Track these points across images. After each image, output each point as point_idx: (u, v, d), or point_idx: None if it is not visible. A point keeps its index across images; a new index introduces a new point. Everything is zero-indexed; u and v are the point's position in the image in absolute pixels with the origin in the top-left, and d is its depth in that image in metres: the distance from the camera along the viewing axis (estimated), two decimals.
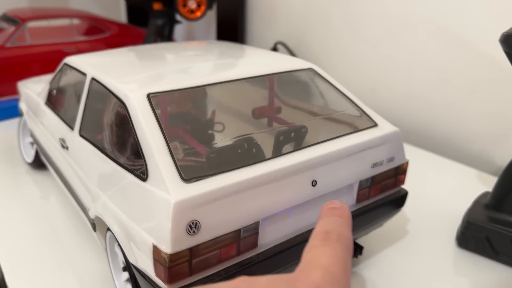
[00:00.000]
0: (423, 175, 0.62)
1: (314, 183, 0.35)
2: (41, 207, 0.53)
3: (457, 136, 0.71)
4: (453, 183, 0.61)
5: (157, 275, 0.29)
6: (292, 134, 0.40)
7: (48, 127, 0.49)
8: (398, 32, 0.75)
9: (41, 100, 0.53)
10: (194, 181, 0.29)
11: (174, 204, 0.27)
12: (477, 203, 0.49)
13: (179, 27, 1.18)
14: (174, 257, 0.28)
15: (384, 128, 0.40)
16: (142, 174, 0.31)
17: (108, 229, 0.36)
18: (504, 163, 0.59)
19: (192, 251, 0.29)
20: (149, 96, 0.34)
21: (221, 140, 0.38)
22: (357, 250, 0.43)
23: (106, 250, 0.39)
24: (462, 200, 0.52)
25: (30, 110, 0.57)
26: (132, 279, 0.33)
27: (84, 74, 0.42)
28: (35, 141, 0.57)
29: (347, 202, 0.38)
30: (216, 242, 0.30)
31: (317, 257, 0.20)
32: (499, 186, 0.46)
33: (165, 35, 0.90)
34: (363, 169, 0.38)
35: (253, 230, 0.32)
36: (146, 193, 0.30)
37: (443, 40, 0.69)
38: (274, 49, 0.95)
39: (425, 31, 0.71)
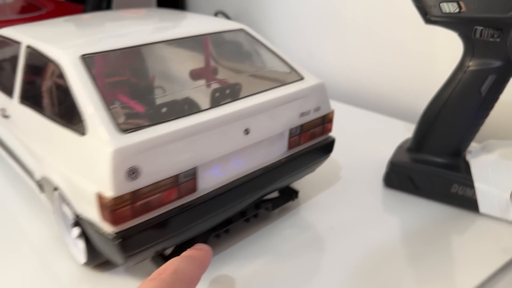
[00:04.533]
0: (355, 129, 0.67)
1: (247, 131, 0.38)
2: None
3: (386, 93, 0.76)
4: (382, 134, 0.66)
5: (104, 219, 0.31)
6: (227, 91, 0.43)
7: None
8: None
9: None
10: (130, 132, 0.32)
11: (111, 152, 0.30)
12: (400, 147, 0.54)
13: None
14: (117, 201, 0.30)
15: (310, 80, 0.44)
16: (81, 129, 0.33)
17: (55, 189, 0.38)
18: None
19: (134, 195, 0.31)
20: (83, 57, 0.35)
21: (158, 98, 0.40)
22: (293, 193, 0.47)
23: (54, 210, 0.40)
24: (390, 148, 0.57)
25: None
26: (81, 229, 0.35)
27: (19, 42, 0.43)
28: None
29: (280, 149, 0.42)
30: (156, 187, 0.32)
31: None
32: (417, 130, 0.51)
33: (103, 8, 0.90)
34: (292, 118, 0.42)
35: (192, 175, 0.35)
36: (86, 146, 0.32)
37: (370, 3, 0.73)
38: None
39: None
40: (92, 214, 0.32)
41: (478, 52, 0.45)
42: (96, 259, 0.38)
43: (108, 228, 0.31)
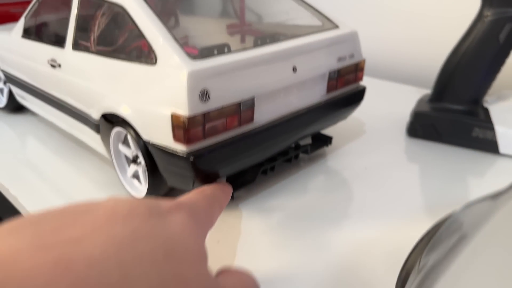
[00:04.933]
0: (374, 94, 0.70)
1: (295, 69, 0.41)
2: (28, 142, 0.56)
3: (398, 61, 0.80)
4: (400, 96, 0.70)
5: (176, 139, 0.34)
6: (267, 39, 0.45)
7: (30, 56, 0.51)
8: None
9: (16, 36, 0.54)
10: (200, 59, 0.34)
11: (189, 74, 0.32)
12: (420, 100, 0.57)
13: None
14: (192, 120, 0.33)
15: (345, 28, 0.47)
16: (151, 60, 0.35)
17: (114, 127, 0.40)
18: None
19: (205, 117, 0.34)
20: None
21: (211, 36, 0.43)
22: (328, 140, 0.50)
23: (110, 150, 0.42)
24: (405, 108, 0.61)
25: (2, 50, 0.58)
26: (146, 159, 0.37)
27: None
28: (9, 81, 0.58)
29: (320, 92, 0.45)
30: (222, 112, 0.35)
31: (188, 195, 0.27)
32: (438, 80, 0.54)
33: None
34: (332, 62, 0.45)
35: (250, 105, 0.37)
36: (158, 73, 0.34)
37: None
38: None
39: None
40: (164, 137, 0.35)
41: (496, 1, 0.48)
42: (155, 192, 0.40)
43: (181, 148, 0.34)
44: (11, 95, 0.61)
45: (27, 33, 0.52)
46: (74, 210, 0.20)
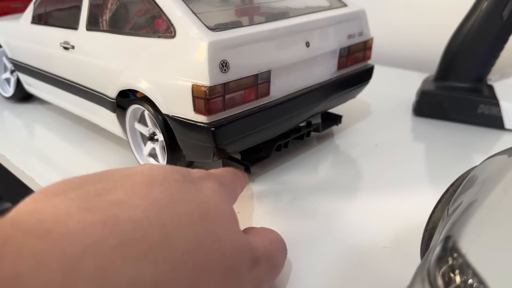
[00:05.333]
0: (379, 80, 0.71)
1: (307, 44, 0.41)
2: (37, 130, 0.56)
3: (399, 48, 0.81)
4: (403, 81, 0.71)
5: (197, 110, 0.34)
6: (279, 17, 0.46)
7: (41, 41, 0.51)
8: None
9: (25, 23, 0.55)
10: (218, 31, 0.35)
11: (209, 44, 0.33)
12: (426, 80, 0.58)
13: None
14: (212, 90, 0.33)
15: (353, 7, 0.48)
16: (169, 33, 0.36)
17: (131, 104, 0.41)
18: None
19: (225, 87, 0.34)
20: None
21: (227, 10, 0.43)
22: (338, 118, 0.51)
23: (126, 129, 0.43)
24: (412, 90, 0.62)
25: (10, 37, 0.58)
26: (165, 134, 0.38)
27: None
28: (18, 69, 0.59)
29: (331, 68, 0.46)
30: (240, 83, 0.36)
31: (214, 170, 0.30)
32: (443, 59, 0.55)
33: None
34: (342, 38, 0.45)
35: (266, 78, 0.38)
36: (177, 46, 0.35)
37: None
38: None
39: None
40: (185, 109, 0.35)
41: None
42: None
43: (202, 119, 0.34)
44: (18, 84, 0.62)
45: (37, 19, 0.53)
46: (112, 175, 0.21)
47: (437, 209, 0.26)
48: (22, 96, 0.63)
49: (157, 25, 0.37)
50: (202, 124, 0.35)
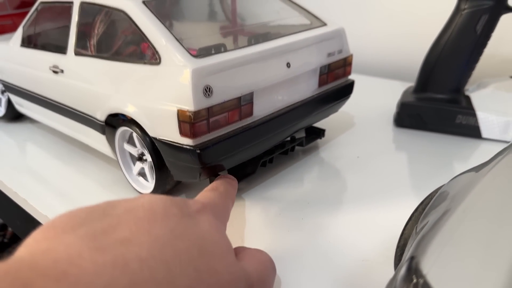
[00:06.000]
0: (361, 90, 0.73)
1: (288, 65, 0.43)
2: (28, 149, 0.57)
3: (381, 58, 0.83)
4: (385, 90, 0.73)
5: (183, 134, 0.36)
6: (260, 39, 0.48)
7: (30, 64, 0.52)
8: None
9: (14, 45, 0.56)
10: (201, 57, 0.36)
11: (192, 71, 0.35)
12: (406, 91, 0.61)
13: None
14: (197, 115, 0.35)
15: (332, 26, 0.50)
16: (154, 60, 0.37)
17: (119, 127, 0.42)
18: None
19: (209, 111, 0.36)
20: (144, 2, 0.40)
21: (208, 36, 0.45)
22: (321, 132, 0.53)
23: (115, 150, 0.44)
24: (394, 100, 0.64)
25: (0, 60, 0.59)
26: (153, 155, 0.39)
27: (70, 2, 0.46)
28: (8, 90, 0.60)
29: (312, 86, 0.48)
30: (224, 106, 0.37)
31: (206, 194, 0.31)
32: (422, 72, 0.57)
33: None
34: (322, 57, 0.47)
35: (249, 99, 0.40)
36: (163, 72, 0.37)
37: None
38: None
39: None
40: (171, 132, 0.37)
41: None
42: (162, 187, 0.42)
43: (187, 142, 0.36)
44: (9, 104, 0.63)
45: (26, 42, 0.54)
46: (114, 208, 0.23)
47: (408, 227, 0.28)
48: (13, 115, 0.64)
49: (143, 52, 0.39)
50: (188, 147, 0.36)
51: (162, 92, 0.37)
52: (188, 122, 0.35)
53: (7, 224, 0.61)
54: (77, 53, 0.45)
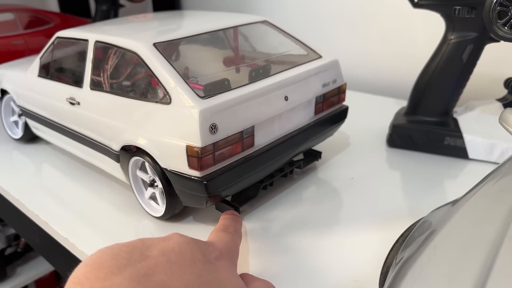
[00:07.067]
0: (357, 108, 0.77)
1: (286, 98, 0.47)
2: (45, 170, 0.61)
3: (376, 76, 0.87)
4: (380, 108, 0.77)
5: (191, 167, 0.40)
6: (261, 71, 0.52)
7: (48, 94, 0.57)
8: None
9: (32, 75, 0.60)
10: (207, 98, 0.40)
11: (200, 112, 0.39)
12: (398, 113, 0.64)
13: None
14: (204, 150, 0.39)
15: (327, 58, 0.54)
16: (165, 100, 0.41)
17: (132, 156, 0.46)
18: None
19: (214, 146, 0.40)
20: (155, 44, 0.44)
21: (211, 75, 0.49)
22: (318, 154, 0.57)
23: (129, 176, 0.48)
24: (387, 119, 0.68)
25: (18, 87, 0.63)
26: (163, 182, 0.44)
27: (85, 40, 0.51)
28: (26, 115, 0.64)
29: (309, 114, 0.52)
30: (228, 140, 0.41)
31: (219, 236, 0.36)
32: (412, 96, 0.61)
33: (111, 18, 0.97)
34: (317, 88, 0.51)
35: (250, 132, 0.44)
36: (173, 112, 0.41)
37: None
38: None
39: None
40: (180, 165, 0.41)
41: (457, 27, 0.56)
42: (171, 211, 0.46)
43: (195, 174, 0.40)
44: (26, 127, 0.67)
45: (43, 73, 0.58)
46: (149, 248, 0.27)
47: (390, 256, 0.32)
48: (30, 137, 0.68)
49: (155, 92, 0.43)
50: (195, 178, 0.40)
51: (172, 129, 0.41)
52: (196, 157, 0.39)
53: (28, 242, 0.65)
54: (92, 88, 0.50)
